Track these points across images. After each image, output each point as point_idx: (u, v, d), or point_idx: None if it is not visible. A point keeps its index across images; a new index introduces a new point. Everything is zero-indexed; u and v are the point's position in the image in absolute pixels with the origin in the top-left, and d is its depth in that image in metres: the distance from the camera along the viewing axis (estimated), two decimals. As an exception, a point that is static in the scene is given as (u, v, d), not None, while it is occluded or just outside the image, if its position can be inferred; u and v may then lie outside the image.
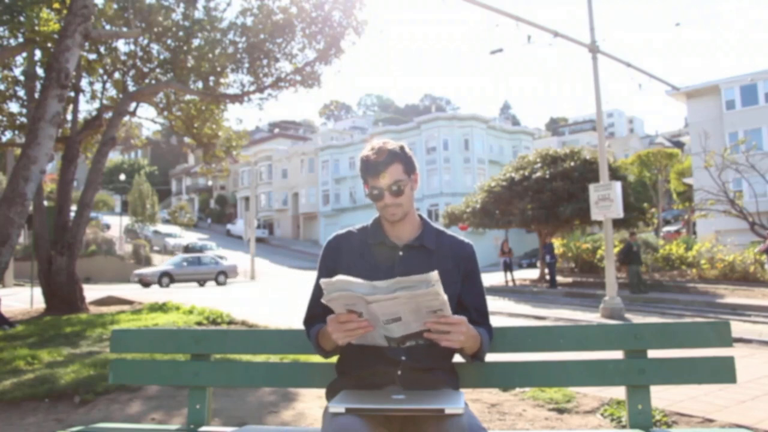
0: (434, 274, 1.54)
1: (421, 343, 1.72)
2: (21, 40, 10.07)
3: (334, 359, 2.00)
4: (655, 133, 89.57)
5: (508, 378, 2.11)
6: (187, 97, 13.59)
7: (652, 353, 2.07)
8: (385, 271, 1.88)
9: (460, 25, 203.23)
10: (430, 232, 1.98)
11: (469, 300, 1.97)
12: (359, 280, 1.59)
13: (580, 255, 22.26)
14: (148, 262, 31.39)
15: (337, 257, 1.97)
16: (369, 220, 2.04)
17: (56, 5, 9.86)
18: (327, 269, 1.98)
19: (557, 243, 22.04)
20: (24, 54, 11.01)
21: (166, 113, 14.00)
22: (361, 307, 1.60)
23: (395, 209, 1.89)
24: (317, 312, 1.98)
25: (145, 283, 24.05)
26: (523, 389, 4.26)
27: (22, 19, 9.73)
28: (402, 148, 1.92)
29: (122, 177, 50.55)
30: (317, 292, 1.99)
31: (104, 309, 11.15)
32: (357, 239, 1.98)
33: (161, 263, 29.62)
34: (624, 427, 3.40)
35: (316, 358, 2.22)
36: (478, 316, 1.98)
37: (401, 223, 1.94)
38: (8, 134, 13.01)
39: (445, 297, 1.59)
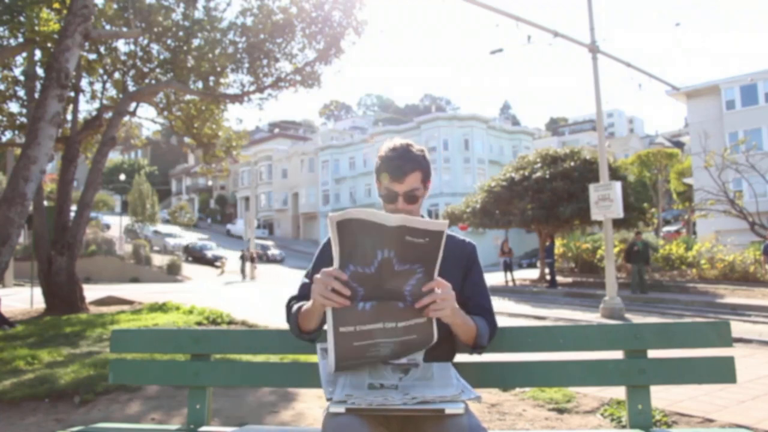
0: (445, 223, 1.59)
1: (414, 362, 1.72)
2: (21, 40, 10.07)
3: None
4: (655, 133, 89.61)
5: (508, 378, 2.10)
6: (187, 97, 13.59)
7: (652, 353, 2.07)
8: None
9: (460, 25, 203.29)
10: (431, 232, 1.98)
11: (471, 298, 1.96)
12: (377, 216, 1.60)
13: (580, 255, 22.26)
14: (148, 263, 31.35)
15: None
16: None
17: (56, 5, 9.87)
18: (324, 267, 1.97)
19: (557, 243, 22.03)
20: (24, 54, 11.01)
21: (166, 113, 13.99)
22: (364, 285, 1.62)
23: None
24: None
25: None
26: (523, 389, 4.26)
27: (22, 19, 9.74)
28: (424, 154, 1.91)
29: (122, 177, 50.49)
30: (306, 285, 1.99)
31: (104, 309, 11.15)
32: None
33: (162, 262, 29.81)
34: (624, 427, 3.40)
35: (316, 358, 2.22)
36: (481, 312, 1.97)
37: None
38: (8, 134, 13.01)
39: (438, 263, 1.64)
